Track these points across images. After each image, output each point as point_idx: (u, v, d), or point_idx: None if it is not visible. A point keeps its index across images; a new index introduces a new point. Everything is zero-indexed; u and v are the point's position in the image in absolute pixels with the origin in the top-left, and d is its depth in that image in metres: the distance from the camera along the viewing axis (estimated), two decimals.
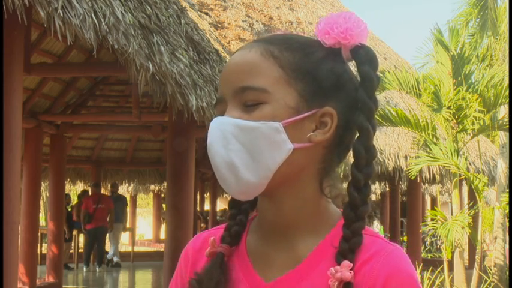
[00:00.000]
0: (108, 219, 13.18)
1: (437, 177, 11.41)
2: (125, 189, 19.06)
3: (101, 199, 12.88)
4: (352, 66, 1.01)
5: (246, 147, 0.92)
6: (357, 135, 0.97)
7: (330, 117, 0.95)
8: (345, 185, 0.99)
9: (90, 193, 13.61)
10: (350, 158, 0.99)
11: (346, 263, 0.91)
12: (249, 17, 13.36)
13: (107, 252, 14.23)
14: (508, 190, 7.91)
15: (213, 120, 0.96)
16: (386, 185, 17.95)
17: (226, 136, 0.93)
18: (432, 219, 8.10)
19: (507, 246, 8.36)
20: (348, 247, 0.93)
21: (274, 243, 0.99)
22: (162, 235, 18.12)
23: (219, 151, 0.93)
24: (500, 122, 7.57)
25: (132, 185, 18.51)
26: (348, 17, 0.97)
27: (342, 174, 1.05)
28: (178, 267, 1.10)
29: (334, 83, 0.97)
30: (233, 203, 1.06)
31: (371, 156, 0.95)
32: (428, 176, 11.23)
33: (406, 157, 11.08)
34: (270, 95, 0.93)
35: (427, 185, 17.10)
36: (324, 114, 0.95)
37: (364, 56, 0.97)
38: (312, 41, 0.99)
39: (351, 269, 0.91)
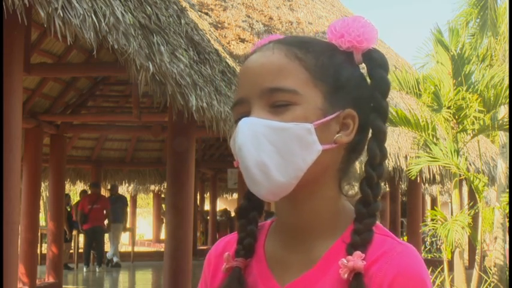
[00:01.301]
0: (106, 219, 13.22)
1: (437, 177, 11.40)
2: (124, 189, 19.06)
3: (97, 199, 12.88)
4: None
5: (277, 148, 0.93)
6: (371, 135, 0.99)
7: (352, 119, 0.98)
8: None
9: (89, 193, 13.64)
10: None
11: (358, 253, 0.93)
12: (249, 17, 13.35)
13: (107, 252, 14.25)
14: (508, 190, 7.91)
15: (241, 121, 0.95)
16: (387, 185, 17.95)
17: (257, 137, 0.93)
18: (432, 219, 8.10)
19: (507, 246, 8.35)
20: (360, 240, 0.94)
21: (292, 247, 1.00)
22: (162, 235, 18.12)
23: (250, 152, 0.93)
24: (500, 122, 7.57)
25: (132, 185, 18.52)
26: (362, 21, 0.99)
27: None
28: (203, 273, 1.12)
29: (353, 86, 0.99)
30: (241, 213, 1.06)
31: (384, 156, 0.99)
32: (428, 176, 11.22)
33: (406, 157, 11.08)
34: (301, 97, 0.94)
35: (427, 185, 17.10)
36: (346, 116, 0.97)
37: (379, 59, 1.00)
38: (329, 44, 1.01)
39: (362, 259, 0.92)
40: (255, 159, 0.92)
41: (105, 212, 13.12)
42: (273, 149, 0.92)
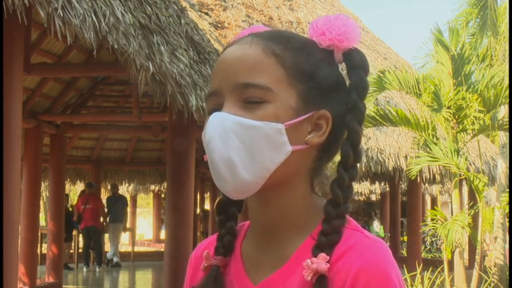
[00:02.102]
0: (102, 219, 13.28)
1: (437, 177, 11.40)
2: (124, 189, 19.06)
3: (89, 200, 12.93)
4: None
5: (245, 145, 0.91)
6: (346, 136, 0.97)
7: (326, 120, 0.96)
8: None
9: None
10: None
11: (322, 255, 0.91)
12: (249, 17, 13.35)
13: (107, 252, 14.27)
14: (508, 190, 7.91)
15: (212, 115, 0.94)
16: (387, 185, 17.94)
17: (226, 132, 0.91)
18: (432, 219, 8.10)
19: (507, 246, 8.35)
20: (326, 241, 0.92)
21: (265, 245, 0.99)
22: (162, 235, 18.12)
23: (218, 146, 0.92)
24: (500, 122, 7.56)
25: (132, 185, 18.51)
26: (344, 20, 0.97)
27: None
28: (186, 275, 1.13)
29: (329, 86, 0.97)
30: (220, 209, 1.05)
31: (358, 158, 0.97)
32: (428, 176, 11.21)
33: (406, 157, 11.07)
34: (274, 95, 0.93)
35: (427, 185, 17.10)
36: (320, 117, 0.96)
37: (359, 60, 0.98)
38: (308, 41, 0.99)
39: (327, 262, 0.90)
40: (221, 155, 0.92)
41: (100, 211, 13.19)
42: (241, 146, 0.91)
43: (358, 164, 0.98)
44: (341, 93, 0.98)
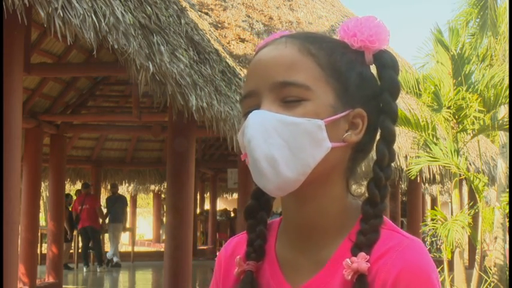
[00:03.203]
0: (99, 219, 13.29)
1: (437, 177, 11.40)
2: (124, 189, 19.06)
3: (85, 200, 12.95)
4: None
5: (287, 142, 0.92)
6: (380, 136, 0.99)
7: (362, 119, 0.97)
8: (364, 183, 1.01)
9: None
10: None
11: (362, 254, 0.92)
12: (249, 17, 13.35)
13: (107, 252, 14.28)
14: (508, 190, 7.91)
15: (252, 113, 0.94)
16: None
17: (268, 130, 0.92)
18: (432, 219, 8.10)
19: (507, 246, 8.35)
20: (365, 241, 0.93)
21: (301, 247, 1.00)
22: (162, 235, 18.13)
23: (260, 145, 0.92)
24: (500, 122, 7.56)
25: (132, 185, 18.51)
26: (375, 21, 0.99)
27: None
28: (214, 275, 1.12)
29: (362, 86, 0.98)
30: (249, 213, 1.05)
31: (392, 157, 0.98)
32: (428, 176, 11.22)
33: (406, 157, 11.07)
34: (312, 93, 0.94)
35: (427, 185, 17.10)
36: (356, 116, 0.97)
37: (389, 61, 1.00)
38: (340, 42, 1.00)
39: (367, 261, 0.91)
40: (264, 153, 0.92)
41: (97, 210, 13.20)
42: (283, 144, 0.92)
43: (393, 163, 0.99)
44: (373, 93, 0.99)
